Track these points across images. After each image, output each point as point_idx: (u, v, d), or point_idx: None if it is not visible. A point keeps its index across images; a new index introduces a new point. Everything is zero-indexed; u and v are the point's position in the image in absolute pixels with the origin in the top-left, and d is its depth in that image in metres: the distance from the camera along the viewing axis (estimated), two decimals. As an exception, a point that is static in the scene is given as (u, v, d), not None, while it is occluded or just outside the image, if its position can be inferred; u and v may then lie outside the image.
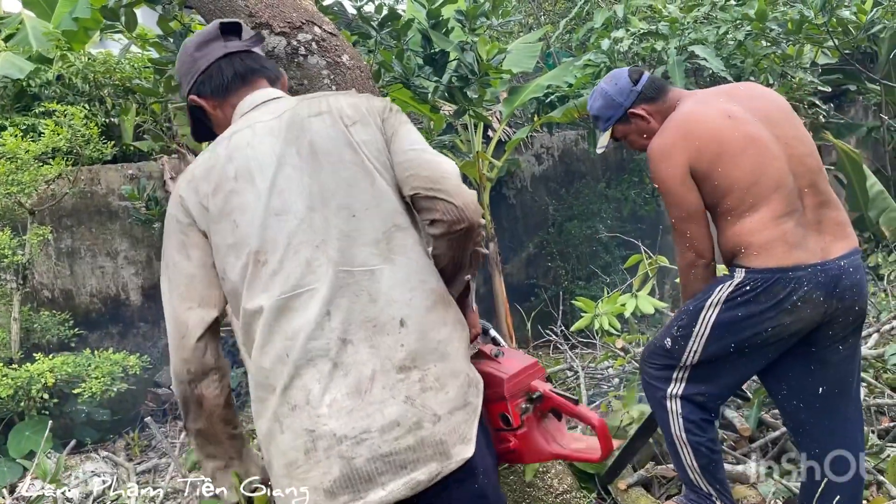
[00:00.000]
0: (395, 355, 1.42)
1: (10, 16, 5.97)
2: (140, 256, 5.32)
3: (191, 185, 1.57)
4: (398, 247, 1.50)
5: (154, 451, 4.56)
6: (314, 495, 1.38)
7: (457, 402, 1.45)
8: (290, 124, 1.55)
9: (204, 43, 1.71)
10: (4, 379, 3.81)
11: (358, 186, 1.50)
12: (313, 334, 1.41)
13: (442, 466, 1.40)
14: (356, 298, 1.44)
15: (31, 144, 4.06)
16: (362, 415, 1.39)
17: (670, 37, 5.27)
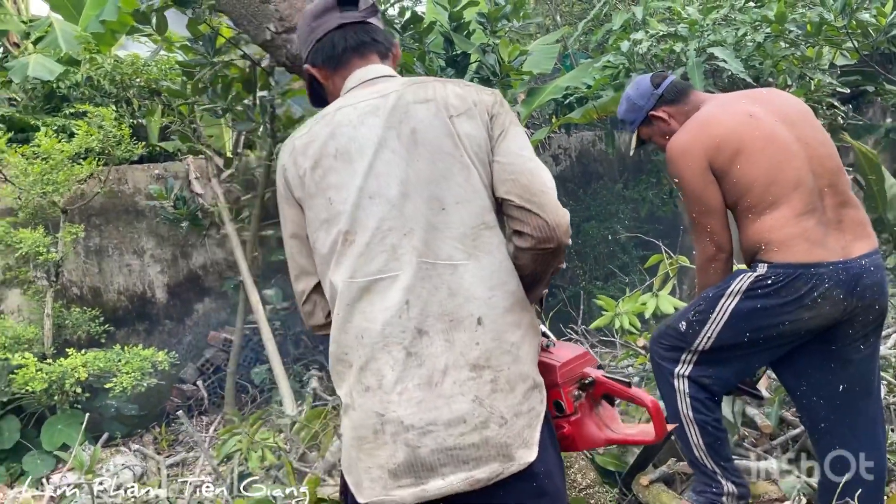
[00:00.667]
0: (470, 353, 1.44)
1: (39, 19, 6.08)
2: (166, 255, 5.42)
3: (291, 157, 1.61)
4: (484, 244, 1.50)
5: (181, 446, 4.65)
6: (379, 472, 1.45)
7: (523, 406, 1.48)
8: (394, 108, 1.55)
9: (321, 12, 1.70)
10: (39, 373, 3.91)
11: (452, 180, 1.50)
12: (391, 320, 1.44)
13: (503, 468, 1.43)
14: (435, 291, 1.46)
15: (65, 145, 4.16)
16: (430, 406, 1.42)
17: (689, 38, 5.30)
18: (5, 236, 4.14)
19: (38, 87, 5.31)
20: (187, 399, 5.18)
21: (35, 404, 4.28)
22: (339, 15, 1.69)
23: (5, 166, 4.19)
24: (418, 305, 1.45)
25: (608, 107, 6.01)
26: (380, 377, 1.45)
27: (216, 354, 5.34)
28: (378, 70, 1.67)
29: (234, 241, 4.78)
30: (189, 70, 4.46)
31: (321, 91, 1.78)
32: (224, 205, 4.83)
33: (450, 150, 1.51)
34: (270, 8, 3.42)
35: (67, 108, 5.19)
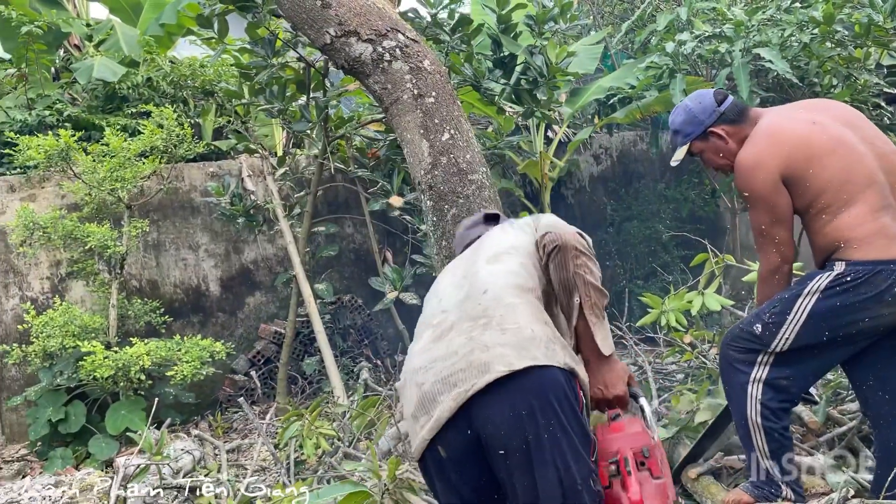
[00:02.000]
0: (473, 310, 1.76)
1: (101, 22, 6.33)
2: (219, 249, 5.62)
3: None
4: (503, 259, 1.91)
5: (236, 433, 4.83)
6: (411, 423, 1.69)
7: (512, 342, 1.65)
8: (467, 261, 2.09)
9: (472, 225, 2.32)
10: (106, 361, 4.11)
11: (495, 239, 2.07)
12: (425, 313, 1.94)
13: (479, 378, 1.59)
14: (460, 289, 1.89)
15: (132, 143, 4.36)
16: (434, 351, 1.70)
17: (735, 39, 5.32)
18: (75, 230, 4.34)
19: (100, 87, 5.53)
20: (239, 389, 5.36)
21: (99, 391, 4.50)
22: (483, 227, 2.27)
23: (75, 164, 4.39)
24: (446, 299, 1.89)
25: (652, 107, 6.06)
26: (411, 350, 1.83)
27: (266, 346, 5.52)
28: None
29: (287, 236, 4.94)
30: (246, 72, 4.63)
31: None
32: (278, 202, 5.00)
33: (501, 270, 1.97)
34: (330, 13, 3.55)
35: (128, 108, 5.41)
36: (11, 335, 4.83)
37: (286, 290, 5.67)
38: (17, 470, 4.45)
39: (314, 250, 5.47)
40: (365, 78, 3.65)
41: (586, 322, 1.84)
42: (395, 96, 3.57)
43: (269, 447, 3.65)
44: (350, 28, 3.56)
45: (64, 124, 5.09)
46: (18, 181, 4.93)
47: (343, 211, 5.92)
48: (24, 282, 4.94)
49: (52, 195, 4.99)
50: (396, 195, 4.57)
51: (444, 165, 3.48)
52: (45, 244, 4.47)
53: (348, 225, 6.02)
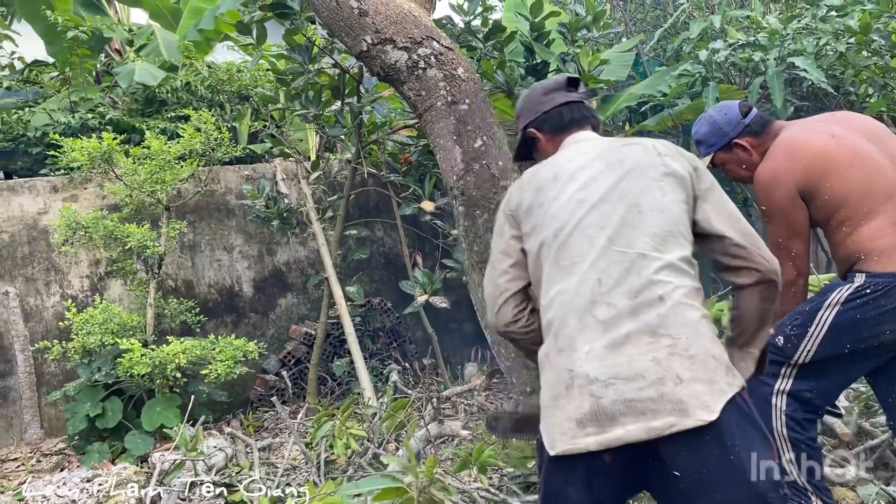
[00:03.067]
0: (651, 322, 1.65)
1: (141, 27, 6.50)
2: (253, 251, 5.72)
3: (518, 186, 1.96)
4: (672, 246, 1.74)
5: (267, 432, 4.91)
6: (568, 423, 1.64)
7: (701, 375, 1.61)
8: (606, 148, 1.90)
9: (551, 90, 2.12)
10: (143, 358, 4.21)
11: (651, 193, 1.78)
12: (582, 292, 1.71)
13: (678, 421, 1.56)
14: (625, 273, 1.70)
15: (172, 146, 4.48)
16: (612, 363, 1.62)
17: (769, 48, 5.30)
18: (115, 230, 4.46)
19: (140, 91, 5.67)
20: (270, 388, 5.44)
21: (135, 387, 4.60)
22: (565, 94, 2.10)
23: (116, 166, 4.52)
24: (608, 283, 1.70)
25: (684, 115, 6.05)
26: (571, 339, 1.69)
27: (297, 347, 5.60)
28: (591, 135, 2.06)
29: (320, 239, 5.02)
30: (283, 77, 4.73)
31: (531, 149, 2.17)
32: (311, 205, 5.08)
33: (653, 174, 1.81)
34: (367, 21, 3.62)
35: (166, 112, 5.55)
36: (52, 332, 4.97)
37: (317, 292, 5.76)
38: (56, 463, 4.57)
39: (345, 253, 5.55)
40: (400, 85, 3.71)
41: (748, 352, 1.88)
42: (430, 103, 3.62)
43: (300, 446, 3.71)
44: (386, 36, 3.63)
45: (105, 127, 5.23)
46: (61, 182, 5.07)
47: (374, 215, 6.00)
48: (64, 280, 5.08)
49: (93, 196, 5.13)
50: (428, 200, 4.62)
51: (476, 171, 3.52)
52: (87, 244, 4.59)
53: (378, 228, 6.09)
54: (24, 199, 5.00)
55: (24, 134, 5.34)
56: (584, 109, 2.09)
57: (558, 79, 2.15)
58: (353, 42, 3.67)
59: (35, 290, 5.01)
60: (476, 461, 2.99)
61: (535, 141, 2.12)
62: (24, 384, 4.90)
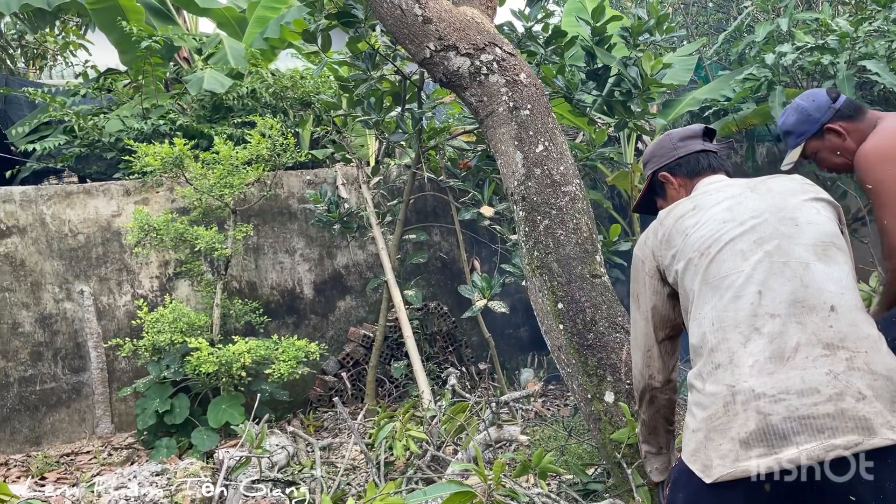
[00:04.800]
0: (823, 333, 1.53)
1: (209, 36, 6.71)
2: (314, 254, 5.84)
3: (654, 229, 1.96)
4: (832, 256, 1.67)
5: (327, 432, 5.00)
6: (730, 444, 1.49)
7: (885, 393, 1.48)
8: (747, 182, 1.92)
9: (687, 137, 2.14)
10: (210, 357, 4.35)
11: (804, 209, 1.76)
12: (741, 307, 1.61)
13: (862, 439, 1.42)
14: (787, 282, 1.61)
15: (241, 151, 4.61)
16: (782, 377, 1.49)
17: (839, 51, 5.17)
18: (185, 233, 4.62)
19: (207, 98, 5.85)
20: (329, 389, 5.54)
21: (201, 385, 4.75)
22: (701, 142, 2.12)
23: (187, 170, 4.68)
24: (769, 294, 1.60)
25: (748, 119, 5.94)
26: (730, 354, 1.57)
27: (355, 349, 5.69)
28: (725, 178, 2.05)
29: (379, 243, 5.09)
30: (345, 84, 4.82)
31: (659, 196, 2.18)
32: (371, 209, 5.16)
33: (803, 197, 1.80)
34: (431, 28, 3.67)
35: (233, 118, 5.71)
36: (123, 330, 5.17)
37: (375, 295, 5.84)
38: (126, 457, 4.75)
39: (403, 257, 5.61)
40: (462, 91, 3.74)
41: None
42: (491, 108, 3.64)
43: (361, 446, 3.77)
44: (449, 42, 3.67)
45: (175, 133, 5.42)
46: (133, 185, 5.28)
47: (431, 219, 6.05)
48: (135, 280, 5.28)
49: (162, 199, 5.32)
50: (487, 205, 4.64)
51: (537, 177, 3.52)
52: (158, 245, 4.76)
53: (436, 233, 6.15)
54: (99, 202, 5.22)
55: (98, 139, 5.57)
56: (718, 159, 2.09)
57: (695, 127, 2.16)
58: (416, 49, 3.72)
59: (108, 290, 5.21)
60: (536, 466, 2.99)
61: (665, 186, 2.12)
62: (97, 380, 5.10)
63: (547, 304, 3.39)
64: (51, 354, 5.06)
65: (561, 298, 3.35)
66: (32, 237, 5.04)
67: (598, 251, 3.49)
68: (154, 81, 5.81)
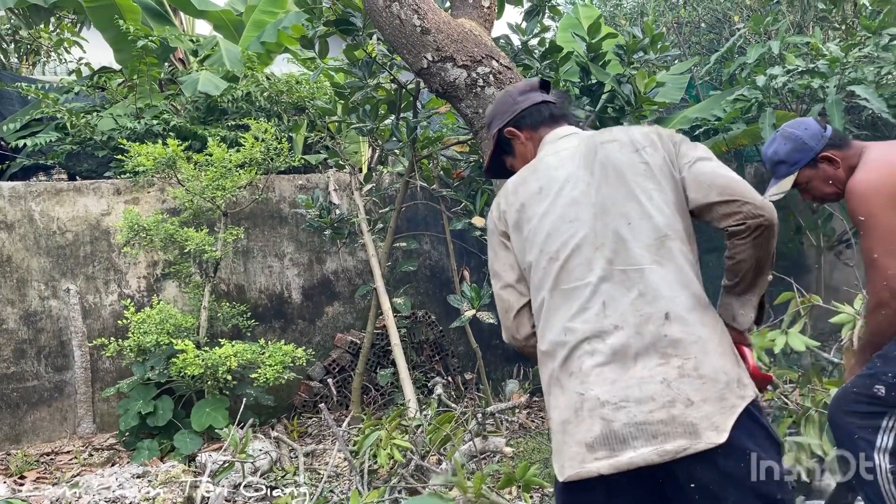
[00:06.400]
0: (659, 343, 1.65)
1: (205, 38, 6.71)
2: (303, 259, 5.83)
3: (504, 197, 1.96)
4: (667, 252, 1.73)
5: (311, 438, 4.99)
6: (577, 448, 1.64)
7: (711, 394, 1.62)
8: (586, 149, 1.89)
9: (525, 91, 2.13)
10: (196, 359, 4.33)
11: (637, 200, 1.78)
12: (588, 318, 1.71)
13: (690, 444, 1.58)
14: (627, 292, 1.70)
15: (234, 154, 4.61)
16: (623, 386, 1.63)
17: (829, 75, 5.24)
18: (175, 234, 4.60)
19: (202, 100, 5.85)
20: (314, 395, 5.53)
21: (186, 388, 4.73)
22: (540, 94, 2.12)
23: (179, 171, 4.67)
24: (612, 305, 1.70)
25: (738, 140, 6.00)
26: (580, 364, 1.69)
27: (342, 355, 5.67)
28: (569, 129, 2.04)
29: (370, 250, 5.09)
30: (341, 91, 4.83)
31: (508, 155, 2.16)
32: (363, 216, 5.17)
33: (633, 176, 1.81)
34: (429, 39, 3.69)
35: (227, 121, 5.71)
36: (108, 329, 5.13)
37: (363, 302, 5.83)
38: (107, 458, 4.71)
39: (393, 265, 5.62)
40: (458, 102, 3.77)
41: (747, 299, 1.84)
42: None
43: (345, 454, 3.77)
44: (447, 54, 3.70)
45: (169, 133, 5.41)
46: (124, 184, 5.26)
47: (422, 228, 6.07)
48: (122, 280, 5.25)
49: (153, 199, 5.30)
50: (479, 216, 4.66)
51: (530, 190, 3.55)
52: (147, 245, 4.74)
53: (426, 242, 6.16)
54: (89, 201, 5.19)
55: (90, 137, 5.55)
56: (559, 108, 2.10)
57: (531, 81, 2.18)
58: (414, 59, 3.75)
59: (94, 289, 5.18)
60: (521, 479, 3.00)
61: (513, 141, 2.10)
62: (80, 379, 5.06)
63: (536, 317, 3.41)
64: (34, 352, 5.02)
65: (550, 311, 3.37)
66: (20, 233, 5.01)
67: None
68: (148, 81, 5.81)
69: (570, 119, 2.09)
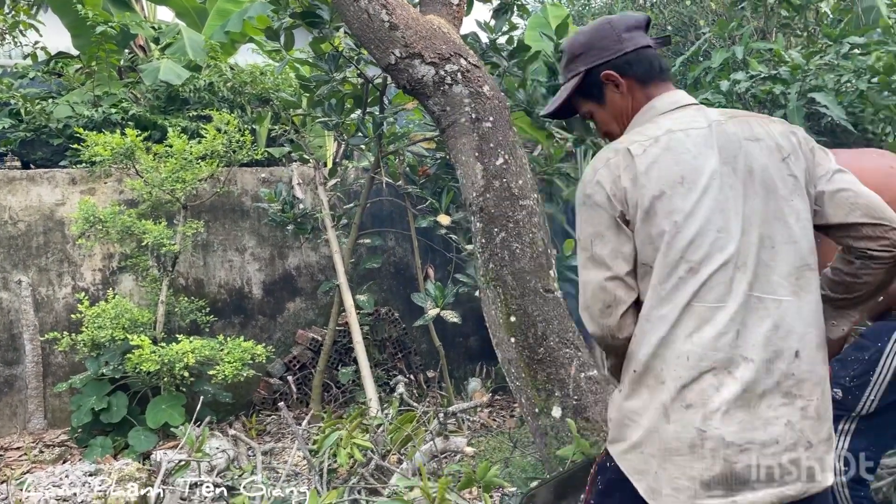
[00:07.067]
0: (785, 382, 1.57)
1: (168, 25, 6.55)
2: (265, 254, 5.74)
3: (629, 174, 1.61)
4: (805, 284, 1.62)
5: (269, 436, 4.92)
6: (689, 482, 1.55)
7: (824, 434, 1.61)
8: (725, 141, 1.63)
9: (632, 27, 1.77)
10: (152, 355, 4.23)
11: (783, 221, 1.61)
12: (720, 346, 1.55)
13: (807, 487, 1.57)
14: (761, 322, 1.57)
15: (195, 146, 4.50)
16: (749, 427, 1.55)
17: (791, 82, 5.32)
18: (133, 226, 4.49)
19: (162, 89, 5.72)
20: (273, 392, 5.45)
21: (141, 384, 4.62)
22: (645, 37, 1.78)
23: (138, 162, 4.55)
24: (745, 335, 1.56)
25: (701, 143, 6.07)
26: (704, 396, 1.55)
27: (302, 352, 5.61)
28: (686, 97, 1.74)
29: (334, 246, 5.03)
30: (307, 84, 4.76)
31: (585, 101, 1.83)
32: (327, 212, 5.10)
33: (783, 191, 1.62)
34: (397, 35, 3.65)
35: (188, 111, 5.58)
36: (61, 323, 4.99)
37: (325, 298, 5.76)
38: (58, 454, 4.58)
39: (357, 261, 5.57)
40: (425, 99, 3.73)
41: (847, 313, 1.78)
42: (453, 119, 3.64)
43: (305, 453, 3.72)
44: (415, 50, 3.66)
45: (127, 122, 5.27)
46: (80, 174, 5.11)
47: (387, 225, 6.02)
48: (77, 272, 5.10)
49: (110, 190, 5.16)
50: (444, 214, 4.64)
51: (496, 189, 3.54)
52: (103, 238, 4.61)
53: (390, 238, 6.11)
54: (43, 190, 5.03)
55: (45, 125, 5.38)
56: (665, 60, 1.77)
57: (637, 16, 1.81)
58: (381, 55, 3.70)
59: (48, 281, 5.03)
60: (481, 479, 2.99)
61: (606, 88, 1.76)
62: (31, 374, 4.91)
63: (500, 317, 3.40)
64: (-18, 345, 4.86)
65: (514, 311, 3.36)
66: (-31, 222, 4.84)
67: (552, 266, 3.52)
68: (107, 68, 5.65)
69: (672, 77, 1.79)
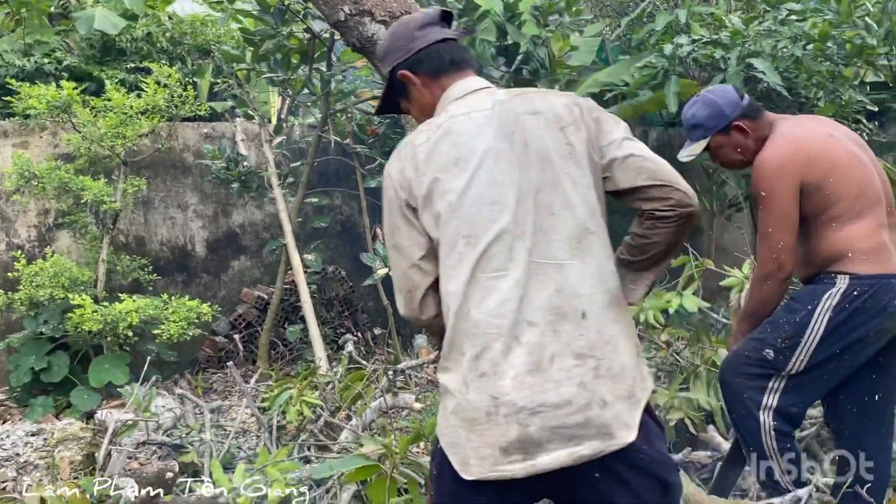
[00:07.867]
0: (574, 343, 1.59)
1: (100, -30, 6.24)
2: (208, 211, 5.64)
3: (412, 164, 1.68)
4: (588, 246, 1.63)
5: (216, 394, 4.91)
6: (490, 450, 1.58)
7: (623, 392, 1.61)
8: (504, 118, 1.68)
9: (425, 24, 1.82)
10: (94, 315, 4.15)
11: (560, 187, 1.64)
12: (505, 313, 1.59)
13: (604, 445, 1.57)
14: (544, 287, 1.60)
15: (136, 101, 4.36)
16: (539, 390, 1.57)
17: (731, 47, 5.45)
18: (70, 182, 4.35)
19: (97, 38, 5.48)
20: (219, 350, 5.43)
21: (82, 343, 4.53)
22: (440, 29, 1.83)
23: (75, 116, 4.38)
24: (528, 300, 1.60)
25: (644, 106, 6.18)
26: (494, 364, 1.59)
27: (248, 310, 5.58)
28: (479, 82, 1.79)
29: (280, 205, 4.99)
30: (251, 38, 4.64)
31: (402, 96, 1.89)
32: (273, 170, 5.03)
33: (558, 159, 1.66)
34: (347, -10, 3.58)
35: (126, 63, 5.38)
36: (-5, 281, 4.83)
37: (271, 257, 5.72)
38: (-3, 415, 4.49)
39: (304, 220, 5.53)
40: (375, 57, 3.70)
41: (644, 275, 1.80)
42: (404, 78, 3.62)
43: (254, 411, 3.74)
44: (365, 8, 3.60)
45: (62, 73, 5.05)
46: (12, 126, 4.89)
47: (334, 183, 5.97)
48: (11, 228, 4.92)
49: (44, 143, 4.96)
50: (393, 173, 4.63)
51: (446, 151, 3.56)
52: (38, 193, 4.46)
53: (337, 197, 6.07)
54: (-29, 143, 4.81)
55: (-29, 74, 5.11)
56: (463, 50, 1.84)
57: (430, 12, 1.87)
58: (330, 10, 3.63)
59: (-21, 238, 4.85)
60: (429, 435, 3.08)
61: (407, 86, 1.83)
62: (-36, 333, 4.76)
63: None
64: (-89, 305, 4.66)
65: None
66: None
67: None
68: (38, 15, 5.37)
69: (473, 64, 1.85)
